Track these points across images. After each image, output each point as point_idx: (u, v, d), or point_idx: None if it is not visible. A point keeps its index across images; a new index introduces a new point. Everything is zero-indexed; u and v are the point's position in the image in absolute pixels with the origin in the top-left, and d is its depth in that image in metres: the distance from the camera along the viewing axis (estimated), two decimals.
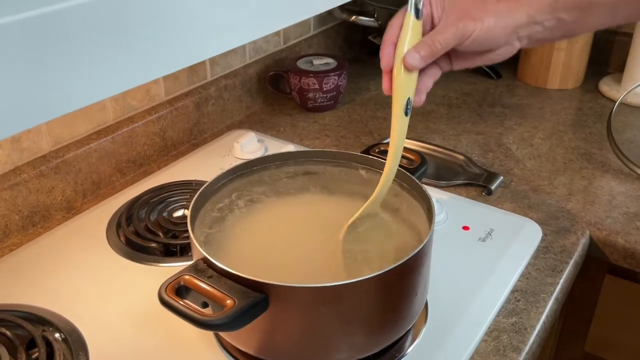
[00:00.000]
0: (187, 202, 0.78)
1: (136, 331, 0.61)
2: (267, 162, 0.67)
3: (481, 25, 0.56)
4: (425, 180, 0.83)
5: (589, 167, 0.91)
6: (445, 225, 0.75)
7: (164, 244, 0.72)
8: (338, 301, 0.50)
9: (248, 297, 0.47)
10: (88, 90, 0.31)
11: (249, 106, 1.08)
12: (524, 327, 0.63)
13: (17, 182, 0.75)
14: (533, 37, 0.59)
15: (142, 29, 0.33)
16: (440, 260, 0.67)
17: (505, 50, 0.60)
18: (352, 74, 1.20)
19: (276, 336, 0.52)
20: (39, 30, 0.28)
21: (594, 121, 1.04)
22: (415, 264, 0.53)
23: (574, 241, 0.75)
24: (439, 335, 0.60)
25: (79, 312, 0.62)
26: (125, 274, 0.68)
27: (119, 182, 0.88)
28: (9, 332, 0.56)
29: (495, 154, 0.94)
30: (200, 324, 0.46)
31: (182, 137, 0.97)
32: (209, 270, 0.50)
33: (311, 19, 1.20)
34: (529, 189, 0.85)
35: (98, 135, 0.84)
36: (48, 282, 0.67)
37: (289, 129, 1.03)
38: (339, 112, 1.08)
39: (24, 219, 0.76)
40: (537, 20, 0.58)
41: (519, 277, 0.69)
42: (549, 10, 0.57)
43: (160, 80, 0.93)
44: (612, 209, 0.81)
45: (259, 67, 1.08)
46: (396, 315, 0.55)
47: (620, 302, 0.85)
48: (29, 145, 0.77)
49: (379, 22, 1.18)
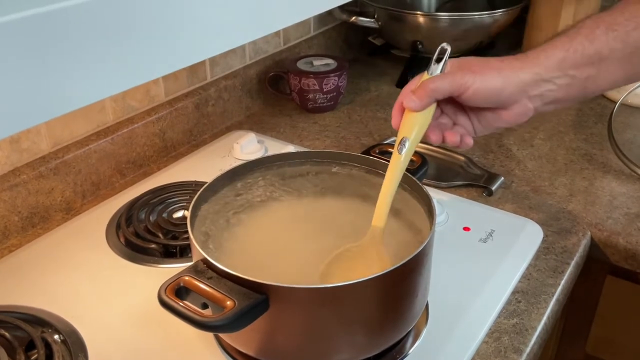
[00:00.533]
0: (187, 203, 0.78)
1: (136, 332, 0.60)
2: (267, 163, 0.67)
3: (481, 79, 0.57)
4: (426, 181, 0.83)
5: (589, 167, 0.91)
6: (446, 226, 0.75)
7: (163, 245, 0.71)
8: (338, 302, 0.50)
9: (248, 298, 0.47)
10: (88, 90, 0.31)
11: (249, 107, 1.08)
12: (525, 328, 0.63)
13: (16, 183, 0.74)
14: (546, 96, 0.59)
15: (142, 27, 0.33)
16: (441, 261, 0.67)
17: (518, 109, 0.60)
18: (352, 74, 1.20)
19: (276, 337, 0.52)
20: (39, 29, 0.28)
21: (594, 122, 1.04)
22: (416, 265, 0.53)
23: (575, 242, 0.75)
24: (440, 336, 0.60)
25: (78, 313, 0.62)
26: (125, 275, 0.68)
27: (118, 183, 0.88)
28: (8, 334, 0.56)
29: (495, 154, 0.94)
30: (200, 325, 0.46)
31: (182, 138, 0.96)
32: (209, 271, 0.50)
33: (311, 19, 1.20)
34: (529, 189, 0.85)
35: (98, 136, 0.84)
36: (47, 283, 0.67)
37: (289, 130, 1.03)
38: (339, 113, 1.08)
39: (23, 220, 0.76)
40: (545, 78, 0.58)
41: (520, 278, 0.69)
42: (557, 68, 0.57)
43: (160, 81, 0.92)
44: (613, 210, 0.81)
45: (259, 68, 1.08)
46: (397, 316, 0.55)
47: (622, 303, 0.85)
48: (29, 146, 0.77)
49: (379, 23, 1.17)
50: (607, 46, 0.57)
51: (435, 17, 1.18)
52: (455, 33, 1.14)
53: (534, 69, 0.58)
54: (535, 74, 0.58)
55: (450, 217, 0.76)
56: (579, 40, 0.57)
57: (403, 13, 1.15)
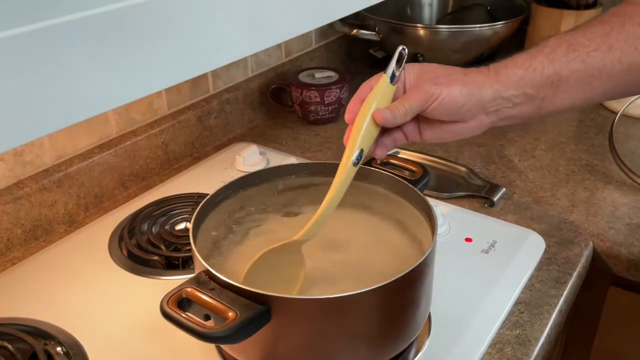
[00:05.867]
0: (189, 215, 0.78)
1: (138, 344, 0.60)
2: (269, 175, 0.67)
3: (447, 91, 0.56)
4: (427, 192, 0.83)
5: (591, 178, 0.91)
6: (447, 237, 0.75)
7: (166, 257, 0.72)
8: (340, 313, 0.50)
9: (250, 309, 0.47)
10: (90, 102, 0.31)
11: (251, 119, 1.09)
12: (528, 339, 0.62)
13: (19, 196, 0.75)
14: (502, 113, 0.58)
15: (145, 40, 0.33)
16: (443, 272, 0.67)
17: (474, 124, 0.59)
18: (353, 86, 1.20)
19: (278, 349, 0.52)
20: (42, 43, 0.28)
21: (595, 133, 1.04)
22: (418, 276, 0.53)
23: (578, 252, 0.75)
24: (443, 347, 0.60)
25: (81, 325, 0.62)
26: (128, 287, 0.68)
27: (121, 196, 0.88)
28: (11, 346, 0.56)
29: (497, 165, 0.94)
30: (202, 336, 0.46)
31: (184, 151, 0.97)
32: (211, 282, 0.50)
33: (312, 32, 1.21)
34: (531, 200, 0.85)
35: (101, 148, 0.84)
36: (50, 295, 0.67)
37: (290, 142, 1.03)
38: (341, 125, 1.09)
39: (26, 232, 0.77)
40: (504, 95, 0.57)
41: (522, 289, 0.69)
42: (515, 87, 0.57)
43: (162, 94, 0.93)
44: (615, 220, 0.81)
45: (261, 80, 1.09)
46: (399, 327, 0.54)
47: (625, 314, 0.84)
48: (32, 159, 0.77)
49: (379, 36, 1.18)
50: (567, 67, 0.56)
51: (436, 30, 1.19)
52: (455, 45, 1.15)
53: (494, 85, 0.57)
54: (496, 90, 0.57)
55: (452, 228, 0.76)
56: (539, 59, 0.56)
57: (404, 26, 1.16)
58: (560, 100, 0.58)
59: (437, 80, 0.57)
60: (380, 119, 0.55)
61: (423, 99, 0.56)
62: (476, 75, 0.58)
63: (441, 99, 0.56)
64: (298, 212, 0.67)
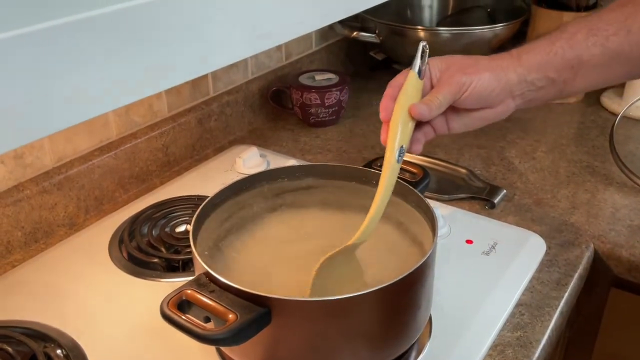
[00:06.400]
0: (189, 217, 0.78)
1: (138, 346, 0.60)
2: (270, 177, 0.67)
3: (477, 79, 0.57)
4: (428, 194, 0.83)
5: (592, 180, 0.91)
6: (448, 239, 0.75)
7: (166, 259, 0.72)
8: (341, 315, 0.50)
9: (250, 311, 0.47)
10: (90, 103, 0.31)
11: (251, 122, 1.09)
12: (529, 341, 0.62)
13: (19, 199, 0.75)
14: (526, 96, 0.60)
15: (145, 41, 0.33)
16: (444, 274, 0.67)
17: (500, 109, 0.60)
18: (353, 89, 1.21)
19: (279, 351, 0.52)
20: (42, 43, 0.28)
21: (596, 134, 1.04)
22: (418, 277, 0.53)
23: (578, 254, 0.75)
24: (444, 349, 0.60)
25: (81, 327, 0.62)
26: (128, 290, 0.68)
27: (121, 198, 0.88)
28: (11, 349, 0.56)
29: (497, 167, 0.94)
30: (202, 338, 0.46)
31: (184, 153, 0.97)
32: (211, 284, 0.50)
33: (313, 35, 1.21)
34: (532, 202, 0.85)
35: (101, 151, 0.84)
36: (50, 298, 0.67)
37: (291, 144, 1.03)
38: (341, 127, 1.09)
39: (26, 235, 0.76)
40: (527, 79, 0.59)
41: (523, 291, 0.68)
42: (538, 70, 0.58)
43: (162, 96, 0.93)
44: (616, 222, 0.81)
45: (261, 82, 1.09)
46: (400, 328, 0.54)
47: (627, 316, 0.84)
48: (32, 162, 0.77)
49: (380, 38, 1.18)
50: (587, 51, 0.57)
51: (436, 32, 1.19)
52: (456, 47, 1.14)
53: (517, 69, 0.58)
54: (520, 74, 0.58)
55: (452, 230, 0.76)
56: (559, 44, 0.58)
57: (404, 28, 1.16)
58: (580, 83, 0.59)
59: (466, 70, 0.58)
60: (416, 113, 0.57)
61: (455, 90, 0.57)
62: (501, 60, 0.59)
63: (472, 87, 0.57)
64: (299, 214, 0.67)
